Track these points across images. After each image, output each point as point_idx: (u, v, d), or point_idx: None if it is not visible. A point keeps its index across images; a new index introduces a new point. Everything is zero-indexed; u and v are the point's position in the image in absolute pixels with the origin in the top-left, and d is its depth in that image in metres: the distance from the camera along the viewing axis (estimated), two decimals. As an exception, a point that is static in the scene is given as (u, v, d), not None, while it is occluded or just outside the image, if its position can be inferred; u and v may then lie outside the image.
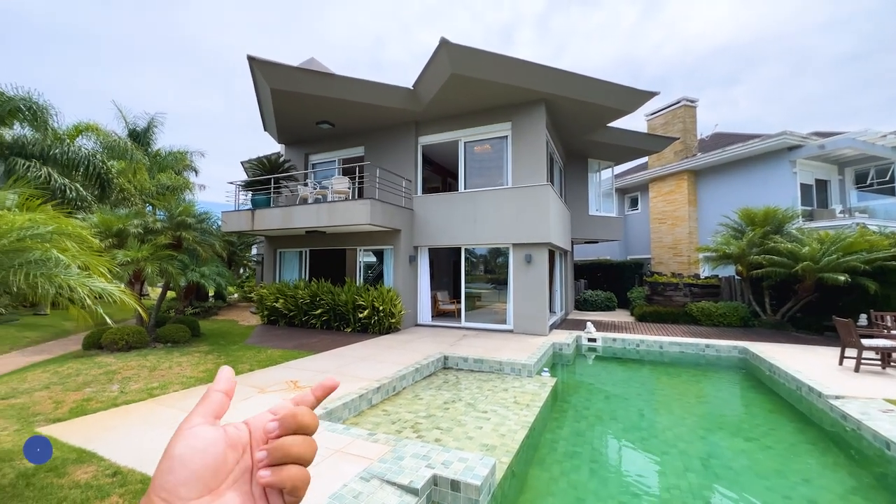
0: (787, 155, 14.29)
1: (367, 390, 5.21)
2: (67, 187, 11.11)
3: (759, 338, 9.43)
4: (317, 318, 10.50)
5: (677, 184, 17.39)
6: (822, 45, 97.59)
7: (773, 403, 5.91)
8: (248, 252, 19.97)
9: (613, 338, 9.55)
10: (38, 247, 2.39)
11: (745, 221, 11.63)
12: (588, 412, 5.66)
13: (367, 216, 9.33)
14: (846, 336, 6.53)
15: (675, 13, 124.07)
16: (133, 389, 5.12)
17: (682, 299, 12.86)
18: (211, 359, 6.93)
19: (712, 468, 4.02)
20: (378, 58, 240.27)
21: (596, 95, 9.94)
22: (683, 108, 18.00)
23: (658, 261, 18.03)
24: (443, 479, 3.05)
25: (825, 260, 9.06)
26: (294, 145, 13.85)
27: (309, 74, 10.01)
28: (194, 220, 8.92)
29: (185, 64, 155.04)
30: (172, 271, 7.57)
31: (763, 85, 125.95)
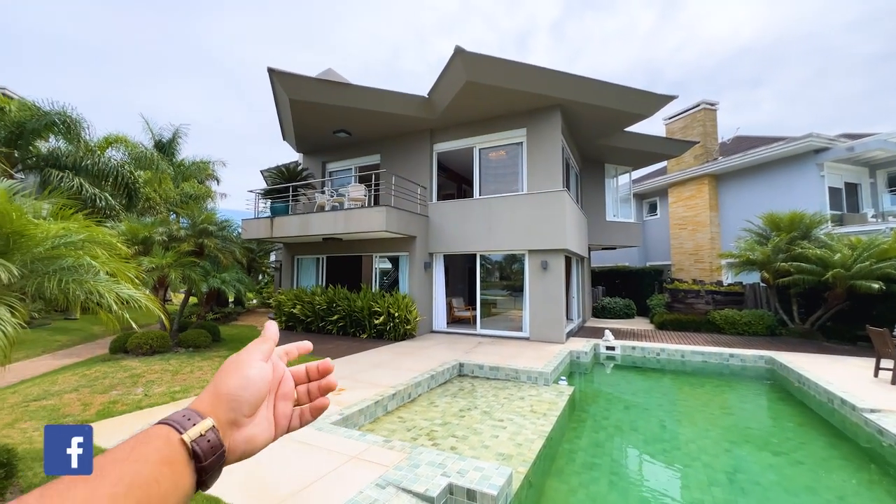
0: (814, 158, 13.82)
1: (383, 397, 5.22)
2: (97, 197, 11.56)
3: (787, 347, 9.07)
4: (333, 323, 10.61)
5: (698, 188, 17.00)
6: (850, 44, 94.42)
7: (803, 416, 5.66)
8: (266, 259, 20.40)
9: (633, 346, 9.34)
10: (70, 254, 2.51)
11: (769, 227, 11.27)
12: (607, 422, 5.53)
13: (382, 223, 9.41)
14: (881, 346, 6.22)
15: (693, 16, 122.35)
16: (156, 393, 5.25)
17: (704, 307, 12.50)
18: (230, 363, 7.06)
19: (739, 483, 3.86)
20: (394, 68, 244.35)
21: (612, 100, 9.85)
22: (703, 111, 17.64)
23: (678, 267, 17.61)
24: (458, 488, 3.02)
25: (857, 267, 8.69)
26: (312, 154, 14.13)
27: (326, 85, 10.23)
28: (215, 228, 9.17)
29: (208, 77, 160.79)
30: (195, 277, 7.78)
31: (787, 87, 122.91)
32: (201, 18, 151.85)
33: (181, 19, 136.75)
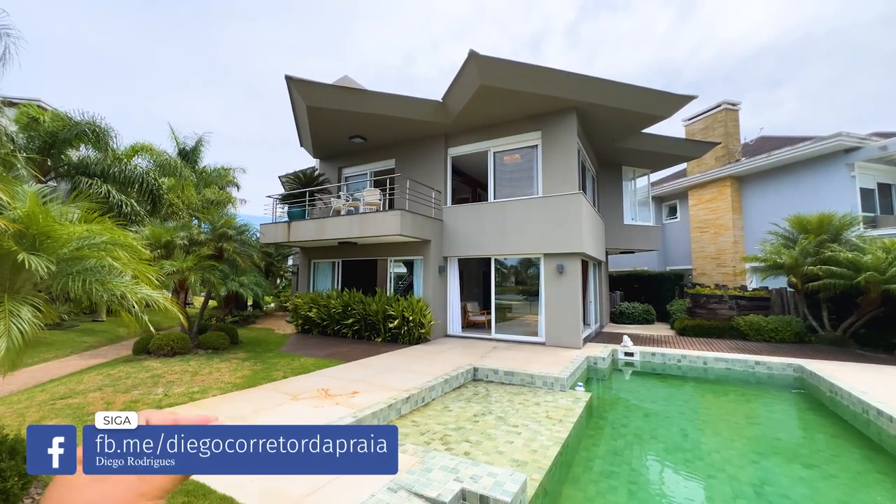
0: (844, 158, 13.28)
1: (396, 400, 5.20)
2: (124, 203, 11.99)
3: (817, 355, 8.68)
4: (348, 327, 10.68)
5: (719, 191, 16.54)
6: (877, 41, 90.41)
7: (836, 427, 5.39)
8: (284, 263, 20.74)
9: (652, 352, 9.09)
10: (93, 255, 2.59)
11: (796, 229, 10.86)
12: (626, 430, 5.37)
13: (397, 227, 9.46)
14: (921, 354, 5.88)
15: (711, 16, 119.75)
16: (175, 393, 5.36)
17: (727, 312, 12.09)
18: (248, 365, 7.18)
19: (766, 496, 3.68)
20: (407, 74, 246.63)
21: (628, 101, 9.69)
22: (724, 111, 17.19)
23: (700, 272, 17.11)
24: (471, 494, 2.97)
25: (893, 270, 8.27)
26: (328, 159, 14.35)
27: (342, 91, 10.39)
28: (234, 232, 9.38)
29: (227, 87, 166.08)
30: (214, 281, 7.96)
31: (810, 86, 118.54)
32: (218, 30, 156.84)
33: (199, 31, 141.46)
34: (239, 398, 5.29)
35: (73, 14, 54.87)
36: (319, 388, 5.75)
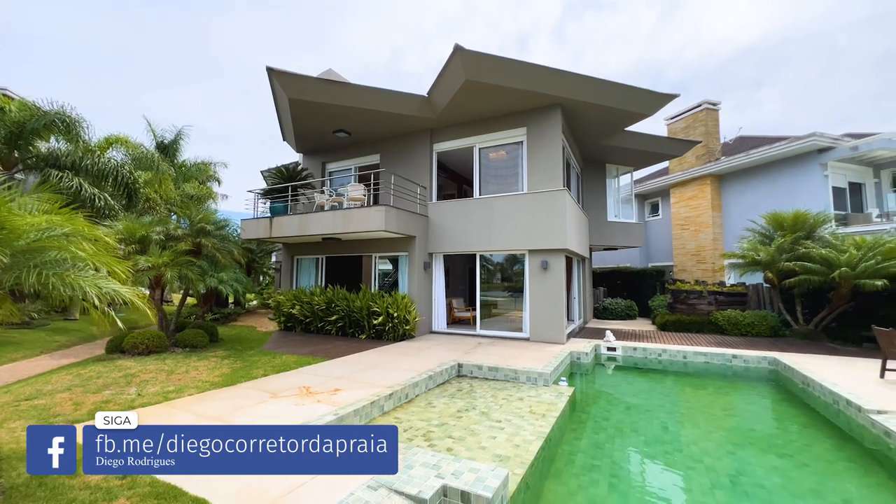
0: (818, 157, 13.70)
1: (379, 397, 5.14)
2: (97, 197, 11.55)
3: (791, 348, 8.95)
4: (332, 324, 10.54)
5: (700, 188, 16.89)
6: (856, 45, 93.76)
7: (808, 417, 5.55)
8: (267, 260, 20.37)
9: (634, 347, 9.23)
10: (54, 246, 2.44)
11: (773, 226, 11.15)
12: (607, 423, 5.43)
13: (381, 223, 9.35)
14: (888, 346, 6.11)
15: (694, 17, 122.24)
16: (150, 392, 5.19)
17: (706, 308, 12.38)
18: (227, 363, 7.00)
19: (742, 486, 3.76)
20: (395, 69, 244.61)
21: (613, 99, 9.77)
22: (705, 111, 17.54)
23: (680, 268, 17.47)
24: (452, 490, 2.94)
25: (862, 265, 8.57)
26: (312, 154, 14.10)
27: (326, 84, 10.19)
28: (213, 227, 9.13)
29: (210, 81, 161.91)
30: (191, 277, 7.73)
31: (790, 88, 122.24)
32: (201, 22, 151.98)
33: (182, 23, 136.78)
34: (217, 397, 5.15)
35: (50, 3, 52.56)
36: (301, 386, 5.64)
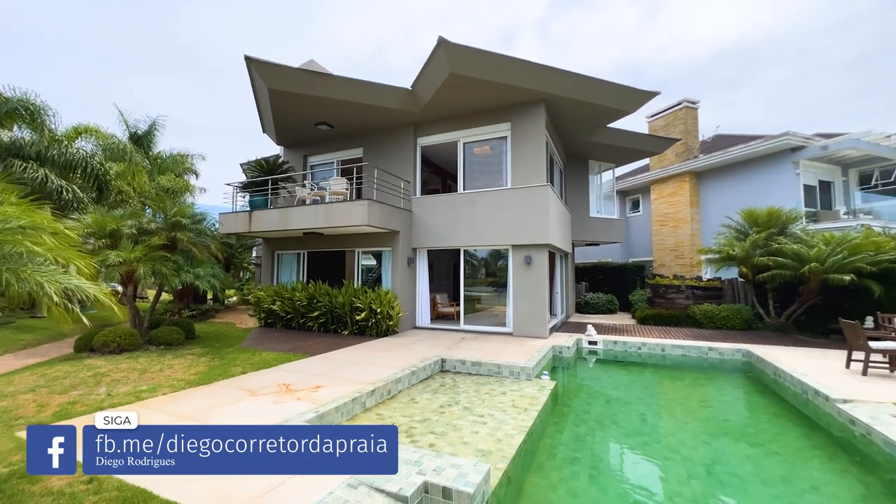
0: (790, 156, 14.16)
1: (361, 393, 5.08)
2: (64, 189, 11.04)
3: (763, 340, 9.26)
4: (314, 320, 10.39)
5: (679, 185, 17.26)
6: (827, 47, 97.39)
7: (779, 407, 5.75)
8: (248, 255, 19.90)
9: (614, 340, 9.40)
10: (8, 240, 2.29)
11: (748, 222, 11.48)
12: (588, 416, 5.51)
13: (364, 217, 9.22)
14: (853, 338, 6.37)
15: (675, 17, 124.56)
16: (121, 392, 5.00)
17: (684, 302, 12.70)
18: (204, 361, 6.81)
19: (717, 475, 3.87)
20: (379, 63, 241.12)
21: (596, 95, 9.85)
22: (685, 109, 17.90)
23: (660, 263, 17.87)
24: (434, 487, 2.92)
25: (831, 260, 8.91)
26: (293, 147, 13.79)
27: (307, 75, 9.95)
28: (189, 221, 8.83)
29: (190, 70, 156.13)
30: (166, 272, 7.47)
31: (765, 89, 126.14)
32: (179, 9, 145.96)
33: (158, 10, 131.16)
34: (192, 396, 4.99)
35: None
36: (280, 384, 5.53)
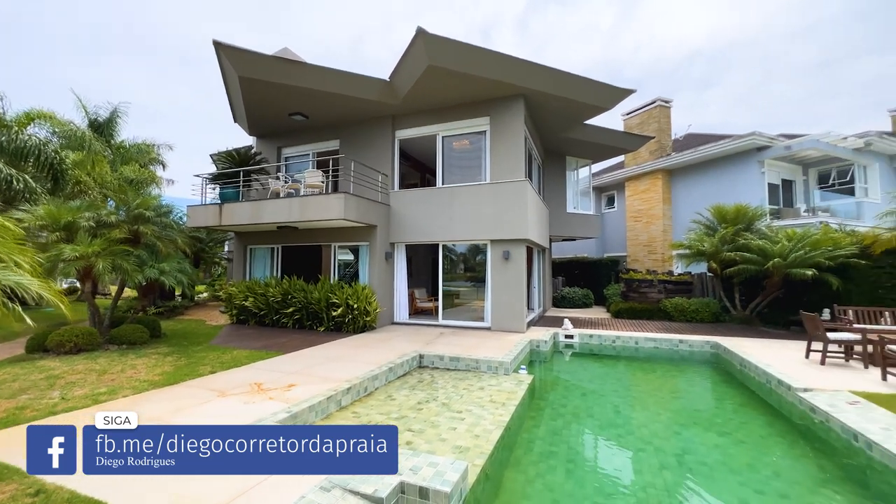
0: (756, 155, 14.73)
1: (337, 391, 4.95)
2: (14, 178, 10.29)
3: (730, 332, 9.63)
4: (288, 316, 10.11)
5: (652, 182, 17.70)
6: (790, 52, 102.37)
7: (745, 397, 5.98)
8: (219, 249, 19.20)
9: (590, 334, 9.57)
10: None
11: (717, 219, 11.88)
12: (565, 410, 5.57)
13: (340, 211, 9.00)
14: (813, 329, 6.68)
15: (650, 18, 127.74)
16: (76, 396, 4.69)
17: (656, 296, 13.06)
18: (170, 361, 6.50)
19: (687, 464, 3.97)
20: (358, 54, 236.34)
21: (574, 91, 9.92)
22: (658, 108, 18.32)
23: (633, 258, 18.32)
24: (410, 487, 2.85)
25: (793, 256, 9.32)
26: (266, 138, 13.32)
27: (280, 62, 9.58)
28: (153, 214, 8.38)
29: (159, 57, 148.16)
30: (127, 268, 7.06)
31: (733, 90, 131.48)
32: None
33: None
34: (156, 397, 4.74)
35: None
36: (252, 383, 5.33)
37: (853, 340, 6.41)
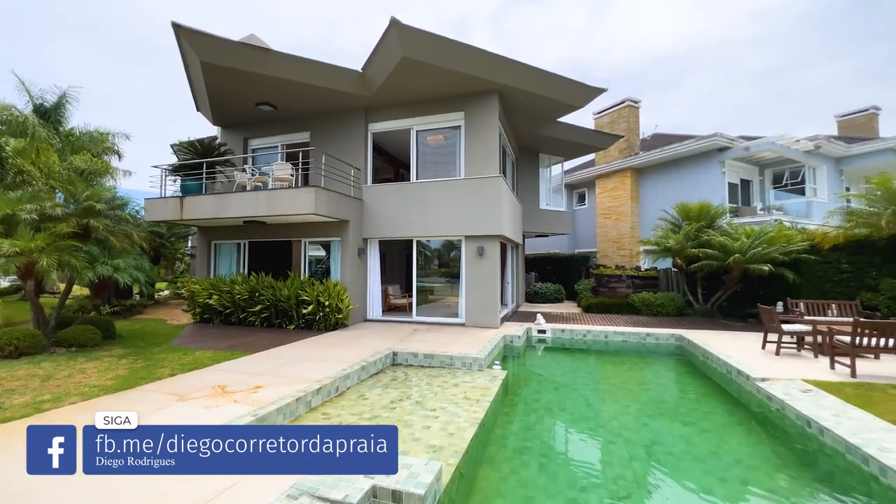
0: (718, 156, 15.40)
1: (306, 392, 4.78)
2: (-56, 166, 9.35)
3: (693, 325, 10.04)
4: (256, 315, 9.73)
5: (621, 180, 18.20)
6: (746, 58, 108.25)
7: (707, 387, 6.22)
8: (182, 245, 18.26)
9: (562, 329, 9.73)
10: None
11: (681, 216, 12.33)
12: (538, 404, 5.62)
13: (311, 205, 8.72)
14: (769, 322, 7.04)
15: (620, 21, 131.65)
16: (15, 404, 4.29)
17: (625, 290, 13.46)
18: (125, 364, 6.09)
19: (655, 455, 4.08)
20: (330, 46, 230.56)
21: (548, 88, 9.99)
22: (627, 107, 18.82)
23: (603, 254, 18.82)
24: (383, 490, 2.77)
25: (751, 252, 9.81)
26: (232, 128, 12.72)
27: (244, 48, 9.14)
28: (105, 207, 7.81)
29: (118, 41, 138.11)
30: (76, 264, 6.54)
31: (695, 94, 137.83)
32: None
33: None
34: (107, 403, 4.42)
35: None
36: (215, 385, 5.07)
37: (805, 332, 6.80)
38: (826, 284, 9.70)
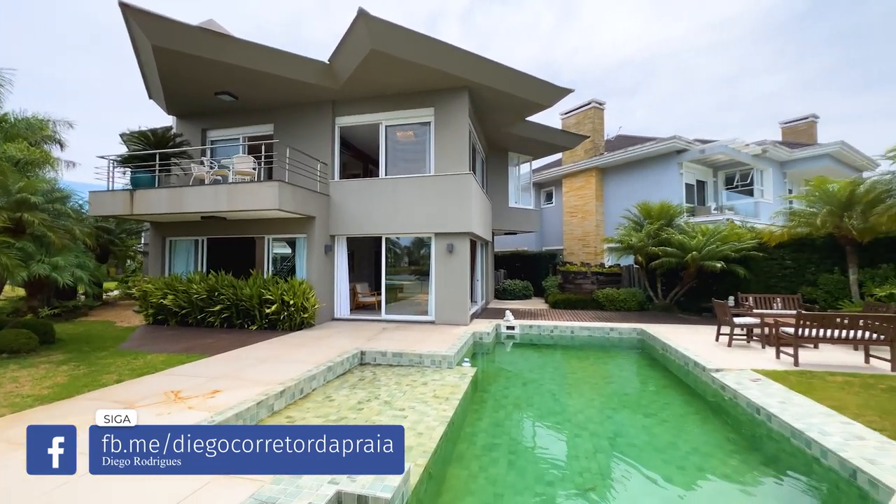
0: (676, 157, 16.14)
1: (268, 395, 4.57)
2: None
3: (653, 320, 10.48)
4: (216, 315, 9.25)
5: (586, 180, 18.72)
6: (702, 66, 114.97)
7: (667, 379, 6.50)
8: (134, 242, 17.10)
9: (530, 325, 9.89)
10: None
11: (643, 215, 12.84)
12: (507, 400, 5.66)
13: (275, 200, 8.37)
14: (722, 315, 7.44)
15: (587, 24, 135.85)
16: (-69, 419, 3.84)
17: (590, 287, 13.87)
18: (64, 370, 5.61)
19: (618, 447, 4.20)
20: (296, 36, 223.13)
21: (517, 87, 10.07)
22: (593, 109, 19.37)
23: (569, 251, 19.32)
24: (348, 496, 2.67)
25: (707, 249, 10.34)
26: (188, 119, 12.01)
27: (201, 33, 8.63)
28: (42, 200, 7.16)
29: (63, 25, 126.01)
30: (7, 262, 5.96)
31: (655, 99, 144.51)
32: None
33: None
34: (41, 415, 4.04)
35: None
36: (168, 391, 4.76)
37: (754, 324, 7.24)
38: (772, 279, 10.38)
